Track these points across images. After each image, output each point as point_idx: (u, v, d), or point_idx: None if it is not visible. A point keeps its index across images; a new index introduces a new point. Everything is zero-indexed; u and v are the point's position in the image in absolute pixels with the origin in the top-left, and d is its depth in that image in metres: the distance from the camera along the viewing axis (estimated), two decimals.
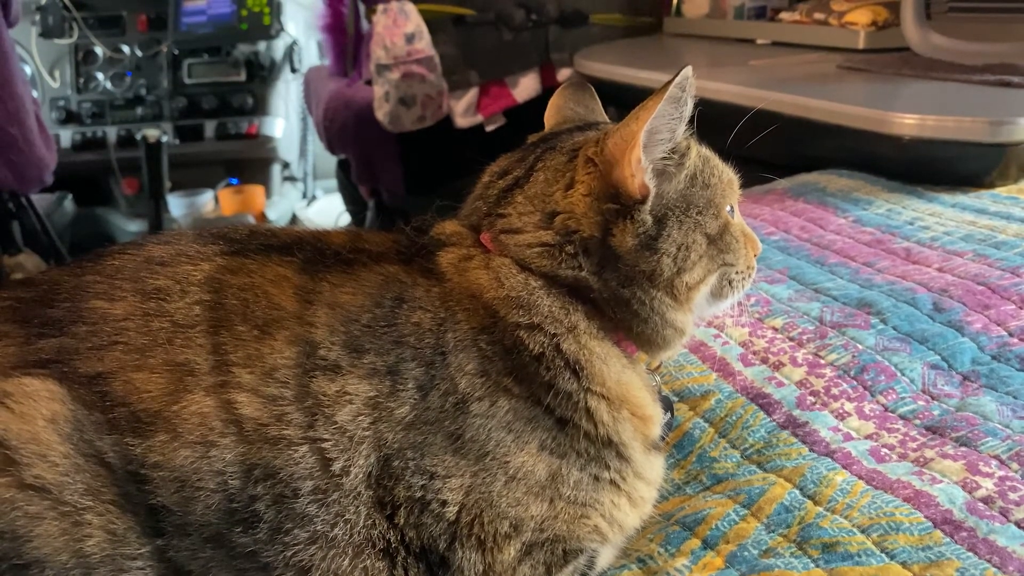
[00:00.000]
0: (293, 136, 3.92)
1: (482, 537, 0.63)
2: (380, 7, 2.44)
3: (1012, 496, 0.71)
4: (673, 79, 0.65)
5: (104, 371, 0.59)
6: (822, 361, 0.94)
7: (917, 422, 0.84)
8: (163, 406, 0.58)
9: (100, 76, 3.64)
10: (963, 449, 0.78)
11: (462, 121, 2.53)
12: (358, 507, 0.61)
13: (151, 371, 0.59)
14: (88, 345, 0.60)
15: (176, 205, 3.50)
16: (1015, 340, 0.94)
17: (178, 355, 0.60)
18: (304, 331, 0.62)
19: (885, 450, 0.80)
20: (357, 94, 2.74)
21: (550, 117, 0.85)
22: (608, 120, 0.84)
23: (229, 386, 0.59)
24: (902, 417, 0.86)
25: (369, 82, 2.60)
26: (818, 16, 2.17)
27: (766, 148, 0.98)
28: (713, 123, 0.76)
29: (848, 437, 0.83)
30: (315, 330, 0.62)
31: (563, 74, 2.51)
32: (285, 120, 3.80)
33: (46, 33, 3.55)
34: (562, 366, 0.66)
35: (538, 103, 2.51)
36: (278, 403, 0.60)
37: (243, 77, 3.70)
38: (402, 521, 0.62)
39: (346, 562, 0.60)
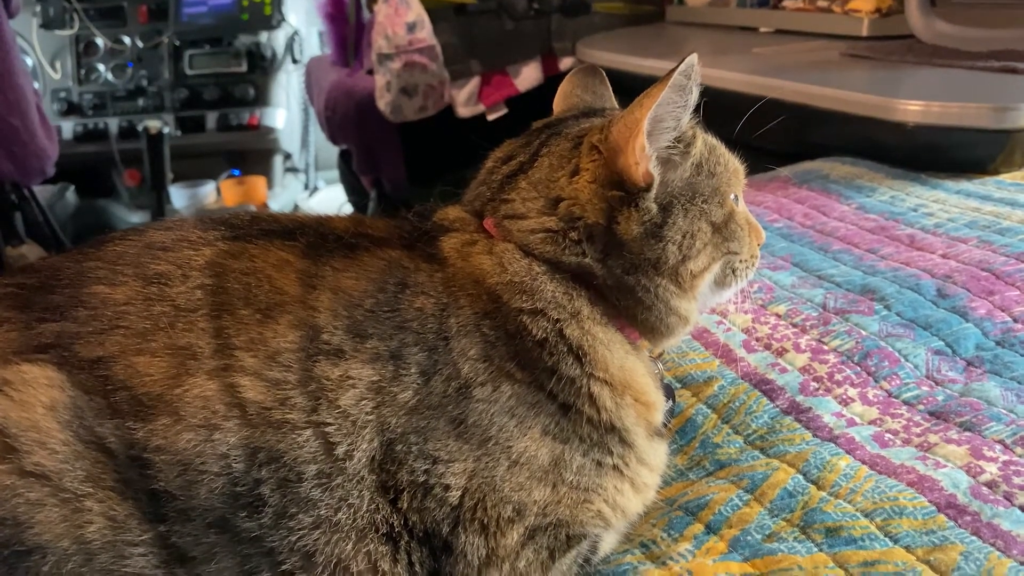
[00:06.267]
0: (295, 127, 3.91)
1: (485, 522, 0.63)
2: None
3: (1016, 480, 0.71)
4: (677, 67, 0.64)
5: (105, 355, 0.59)
6: (825, 347, 0.94)
7: (921, 407, 0.84)
8: (165, 389, 0.58)
9: (101, 67, 3.64)
10: (967, 434, 0.78)
11: (464, 111, 2.52)
12: (361, 491, 0.61)
13: (153, 355, 0.59)
14: (89, 329, 0.60)
15: (178, 196, 3.50)
16: (1019, 326, 0.94)
17: (180, 339, 0.60)
18: (307, 315, 0.62)
19: (889, 435, 0.80)
20: (358, 84, 2.74)
21: (558, 103, 0.84)
22: (616, 106, 0.84)
23: (232, 370, 0.59)
24: (906, 402, 0.85)
25: (371, 72, 2.59)
26: (821, 3, 2.16)
27: (769, 135, 0.97)
28: (716, 111, 0.76)
29: (852, 422, 0.83)
30: (318, 315, 0.62)
31: (565, 63, 2.51)
32: (287, 111, 3.80)
33: (47, 24, 3.55)
34: (565, 351, 0.66)
35: (540, 92, 2.50)
36: (281, 387, 0.60)
37: (244, 68, 3.69)
38: (405, 506, 0.62)
39: (349, 546, 0.60)
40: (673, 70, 0.64)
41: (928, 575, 0.62)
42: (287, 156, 3.96)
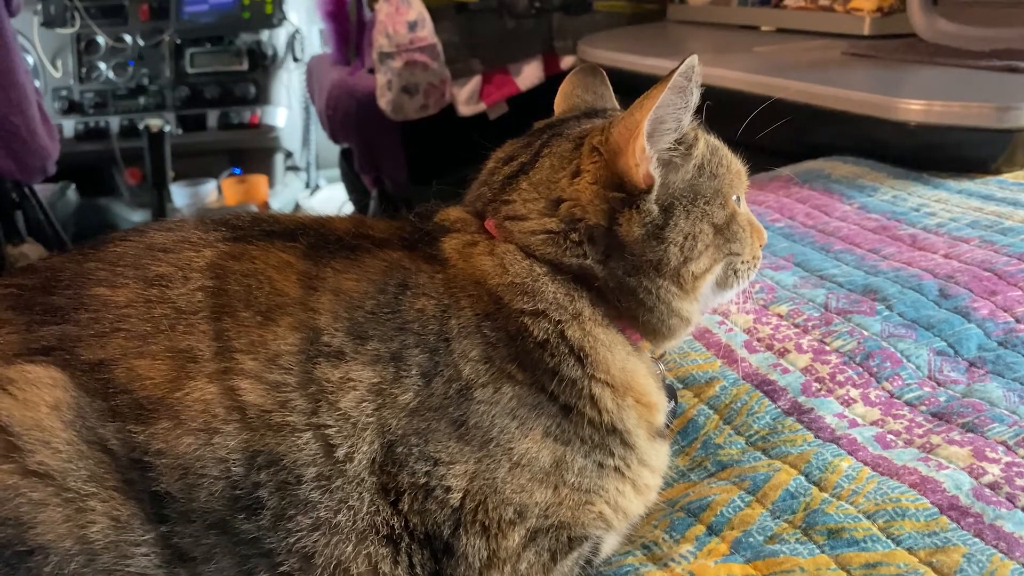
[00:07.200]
0: (296, 125, 3.91)
1: (486, 523, 0.63)
2: None
3: (1019, 482, 0.70)
4: (677, 68, 0.64)
5: (106, 358, 0.59)
6: (827, 348, 0.94)
7: (923, 408, 0.84)
8: (166, 393, 0.58)
9: (102, 66, 3.63)
10: (969, 435, 0.78)
11: (465, 109, 2.52)
12: (361, 493, 0.60)
13: (153, 358, 0.59)
14: (90, 332, 0.60)
15: (179, 195, 3.50)
16: (1022, 326, 0.94)
17: (180, 342, 0.60)
18: (308, 317, 0.62)
19: (891, 436, 0.80)
20: (360, 83, 2.74)
21: (559, 103, 0.84)
22: (618, 107, 0.84)
23: (232, 372, 0.59)
24: (908, 403, 0.85)
25: (372, 71, 2.59)
26: (823, 2, 2.15)
27: (771, 135, 0.97)
28: (717, 110, 0.76)
29: (854, 423, 0.83)
30: (319, 316, 0.62)
31: (566, 61, 2.50)
32: (288, 109, 3.80)
33: (48, 22, 3.55)
34: (566, 353, 0.66)
35: (541, 91, 2.50)
36: (281, 390, 0.59)
37: (245, 66, 3.69)
38: (406, 507, 0.62)
39: (349, 548, 0.60)
40: (673, 71, 0.64)
41: None
42: (288, 155, 3.97)
